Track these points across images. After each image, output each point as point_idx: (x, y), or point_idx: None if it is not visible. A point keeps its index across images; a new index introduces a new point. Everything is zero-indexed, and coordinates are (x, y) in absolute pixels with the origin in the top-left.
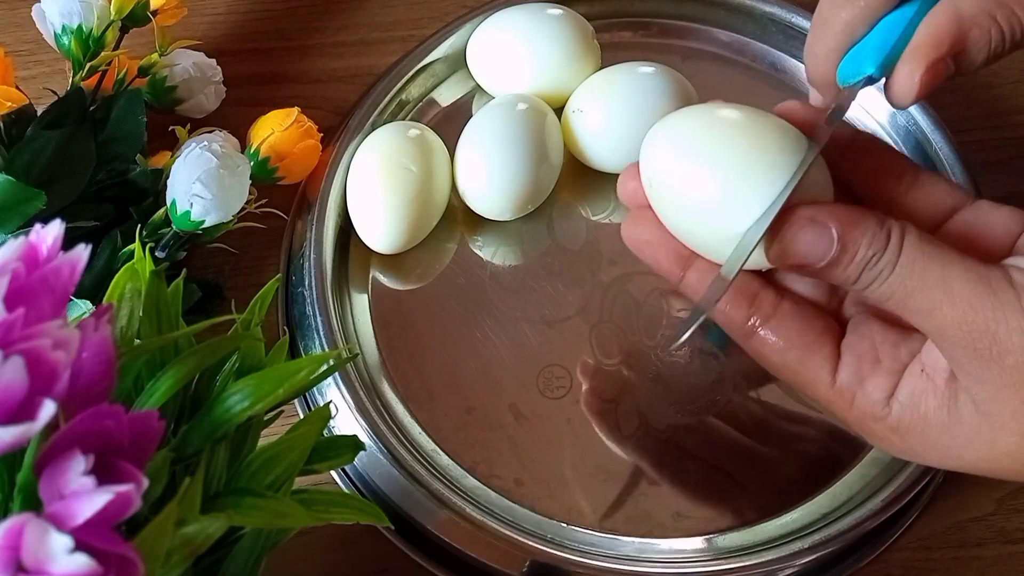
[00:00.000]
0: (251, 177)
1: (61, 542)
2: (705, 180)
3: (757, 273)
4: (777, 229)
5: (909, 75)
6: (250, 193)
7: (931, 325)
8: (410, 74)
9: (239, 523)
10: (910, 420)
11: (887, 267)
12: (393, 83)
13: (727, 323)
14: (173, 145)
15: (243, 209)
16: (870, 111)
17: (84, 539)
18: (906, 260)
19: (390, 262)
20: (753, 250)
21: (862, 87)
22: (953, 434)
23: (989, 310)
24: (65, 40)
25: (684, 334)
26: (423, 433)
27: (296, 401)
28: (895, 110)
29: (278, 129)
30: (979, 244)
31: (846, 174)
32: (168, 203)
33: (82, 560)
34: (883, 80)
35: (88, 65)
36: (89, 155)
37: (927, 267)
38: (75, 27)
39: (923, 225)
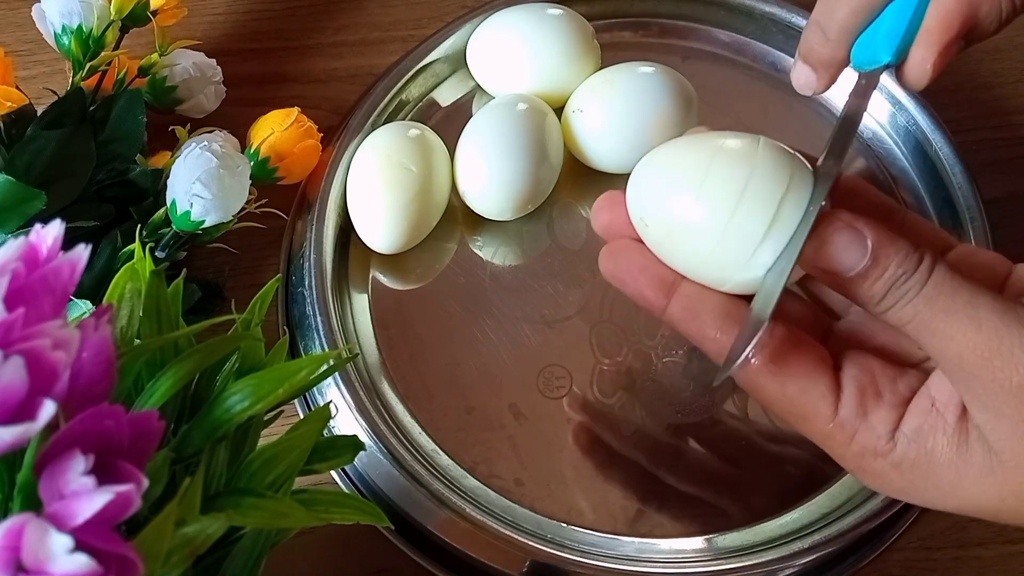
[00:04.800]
0: (251, 177)
1: (61, 542)
2: (709, 217)
3: (748, 299)
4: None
5: (922, 61)
6: (250, 193)
7: (952, 351)
8: (410, 74)
9: (239, 523)
10: (915, 456)
11: (915, 287)
12: (393, 83)
13: (715, 352)
14: (173, 145)
15: (243, 209)
16: (871, 111)
17: (84, 539)
18: (936, 282)
19: (390, 262)
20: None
21: (880, 74)
22: (961, 473)
23: (1016, 338)
24: (65, 40)
25: (720, 378)
26: (423, 433)
27: (296, 401)
28: (895, 110)
29: (278, 129)
30: None
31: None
32: (168, 203)
33: (82, 560)
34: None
35: (88, 65)
36: (89, 155)
37: (956, 291)
38: (75, 27)
39: None
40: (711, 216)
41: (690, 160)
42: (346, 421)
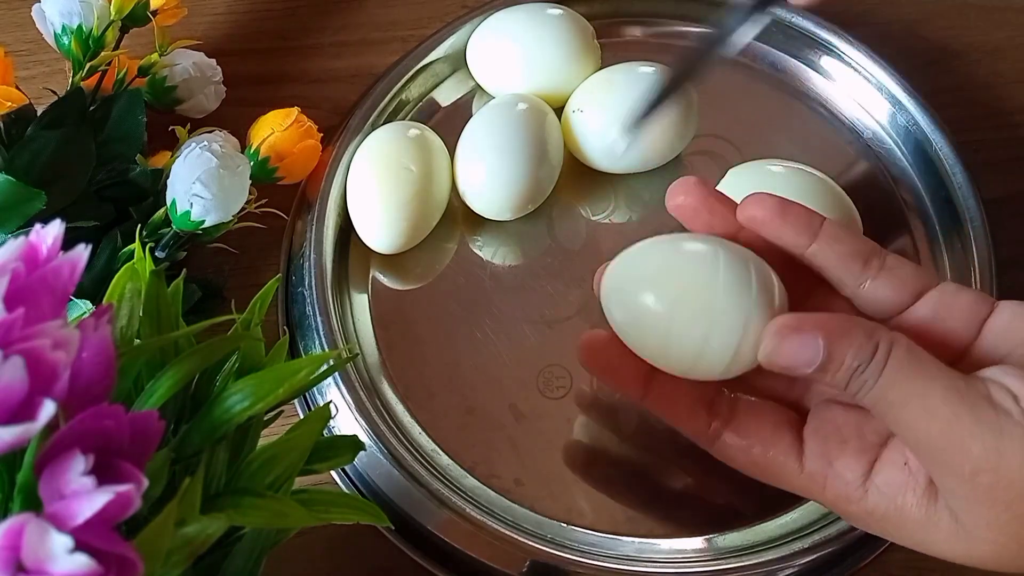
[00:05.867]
0: (251, 177)
1: (61, 542)
2: (673, 318)
3: (706, 418)
4: (762, 338)
5: None
6: (250, 193)
7: (911, 438)
8: (410, 74)
9: (239, 523)
10: (886, 509)
11: (871, 377)
12: (393, 83)
13: (691, 432)
14: (173, 145)
15: (243, 209)
16: (871, 111)
17: (84, 539)
18: (889, 372)
19: (390, 262)
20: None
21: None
22: (930, 533)
23: (966, 428)
24: (65, 40)
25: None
26: (423, 433)
27: (296, 401)
28: (895, 110)
29: (278, 129)
30: (946, 326)
31: (819, 261)
32: (168, 203)
33: (82, 560)
34: None
35: (88, 65)
36: (89, 155)
37: (909, 381)
38: (75, 27)
39: (892, 310)
40: (675, 316)
41: (655, 265)
42: (346, 421)
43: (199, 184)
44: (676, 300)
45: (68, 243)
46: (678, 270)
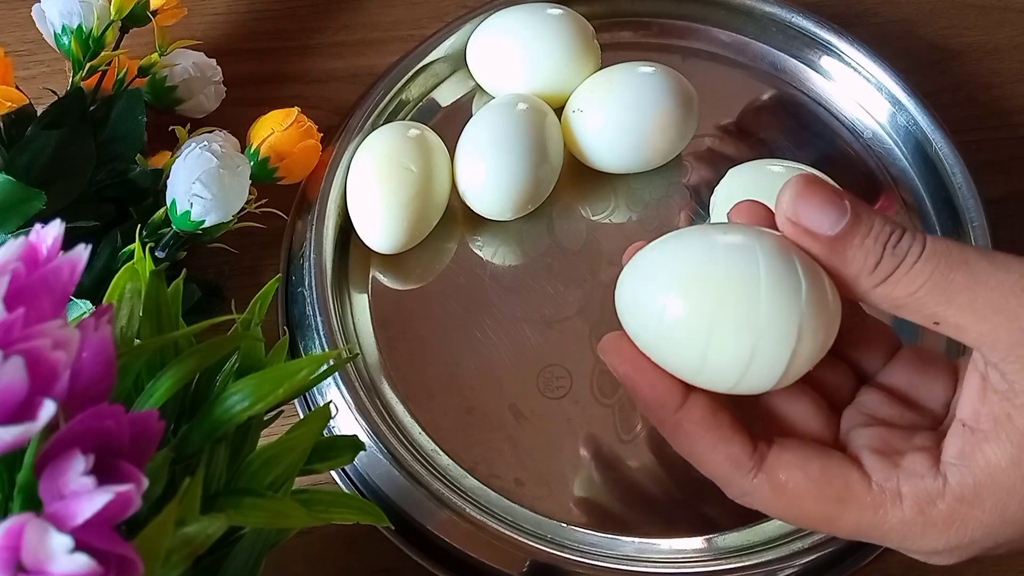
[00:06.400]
0: (251, 177)
1: (61, 542)
2: (702, 333)
3: (751, 438)
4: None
5: None
6: (250, 193)
7: (988, 298)
8: (410, 74)
9: (239, 523)
10: (974, 476)
11: (916, 248)
12: (393, 83)
13: (729, 460)
14: (173, 145)
15: (243, 209)
16: (871, 111)
17: (84, 539)
18: (937, 241)
19: (390, 262)
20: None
21: None
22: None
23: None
24: (65, 40)
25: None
26: (423, 433)
27: (296, 401)
28: (895, 110)
29: (278, 129)
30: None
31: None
32: (168, 203)
33: (82, 560)
34: None
35: (88, 65)
36: (89, 155)
37: (963, 246)
38: (75, 27)
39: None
40: (713, 329)
41: (679, 268)
42: (346, 421)
43: (199, 184)
44: (710, 313)
45: (68, 243)
46: (709, 274)
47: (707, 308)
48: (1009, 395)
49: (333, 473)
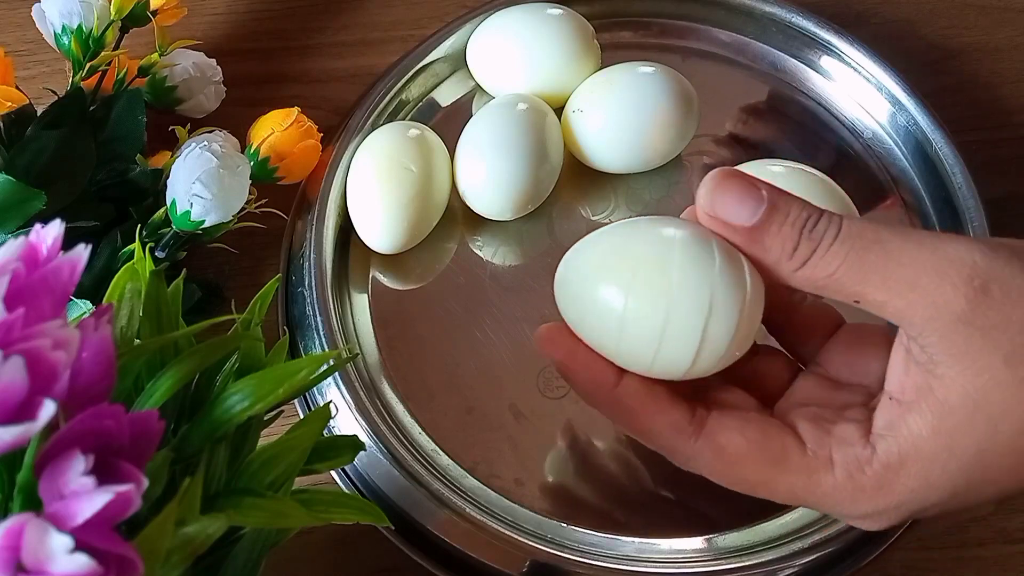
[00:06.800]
0: (251, 177)
1: (61, 542)
2: (617, 309)
3: (688, 405)
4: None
5: None
6: (250, 193)
7: (902, 275)
8: (410, 74)
9: (239, 523)
10: (899, 445)
11: (831, 231)
12: (393, 83)
13: (669, 429)
14: (173, 145)
15: (243, 209)
16: (871, 112)
17: (84, 539)
18: (853, 222)
19: (390, 262)
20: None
21: None
22: (951, 434)
23: (963, 248)
24: (65, 40)
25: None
26: (423, 433)
27: (296, 401)
28: (895, 110)
29: (278, 129)
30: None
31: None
32: (168, 203)
33: (82, 560)
34: None
35: (88, 65)
36: (89, 155)
37: (878, 226)
38: (75, 27)
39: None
40: (628, 305)
41: (602, 251)
42: (346, 421)
43: (199, 184)
44: (626, 287)
45: (68, 243)
46: (626, 253)
47: (623, 282)
48: (929, 367)
49: (333, 473)
